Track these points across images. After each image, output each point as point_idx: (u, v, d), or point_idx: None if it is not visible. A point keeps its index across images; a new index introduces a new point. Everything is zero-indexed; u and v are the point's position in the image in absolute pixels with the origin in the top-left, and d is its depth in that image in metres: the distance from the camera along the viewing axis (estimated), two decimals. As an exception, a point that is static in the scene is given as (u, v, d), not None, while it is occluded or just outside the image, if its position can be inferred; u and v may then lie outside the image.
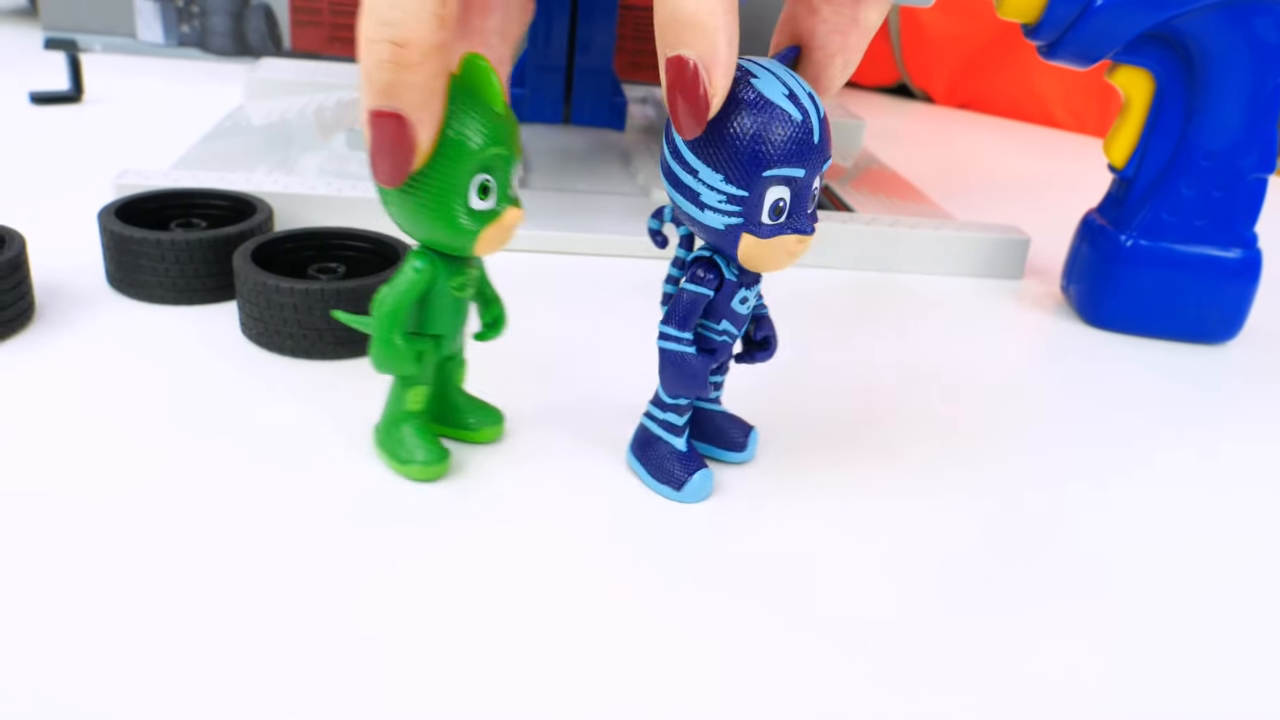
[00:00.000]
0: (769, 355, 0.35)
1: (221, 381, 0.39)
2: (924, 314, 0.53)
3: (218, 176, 0.53)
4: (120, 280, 0.45)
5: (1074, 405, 0.44)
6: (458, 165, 0.28)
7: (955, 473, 0.38)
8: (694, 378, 0.32)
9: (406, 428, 0.34)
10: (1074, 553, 0.34)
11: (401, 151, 0.27)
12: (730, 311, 0.32)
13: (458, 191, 0.29)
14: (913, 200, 0.65)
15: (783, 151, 0.28)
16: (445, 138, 0.28)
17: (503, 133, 0.29)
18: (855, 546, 0.33)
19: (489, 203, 0.30)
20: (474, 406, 0.36)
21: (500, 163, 0.29)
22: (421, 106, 0.26)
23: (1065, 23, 0.47)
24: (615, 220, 0.58)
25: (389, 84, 0.26)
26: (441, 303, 0.32)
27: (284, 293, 0.40)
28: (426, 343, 0.33)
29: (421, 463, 0.33)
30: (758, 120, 0.28)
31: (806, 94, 0.28)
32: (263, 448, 0.35)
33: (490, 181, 0.29)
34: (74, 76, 0.78)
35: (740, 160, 0.28)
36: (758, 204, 0.28)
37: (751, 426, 0.37)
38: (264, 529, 0.31)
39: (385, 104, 0.26)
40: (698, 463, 0.34)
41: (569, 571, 0.30)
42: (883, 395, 0.43)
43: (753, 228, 0.29)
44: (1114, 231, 0.51)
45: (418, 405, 0.34)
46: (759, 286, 0.33)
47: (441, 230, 0.30)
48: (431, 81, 0.26)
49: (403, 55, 0.25)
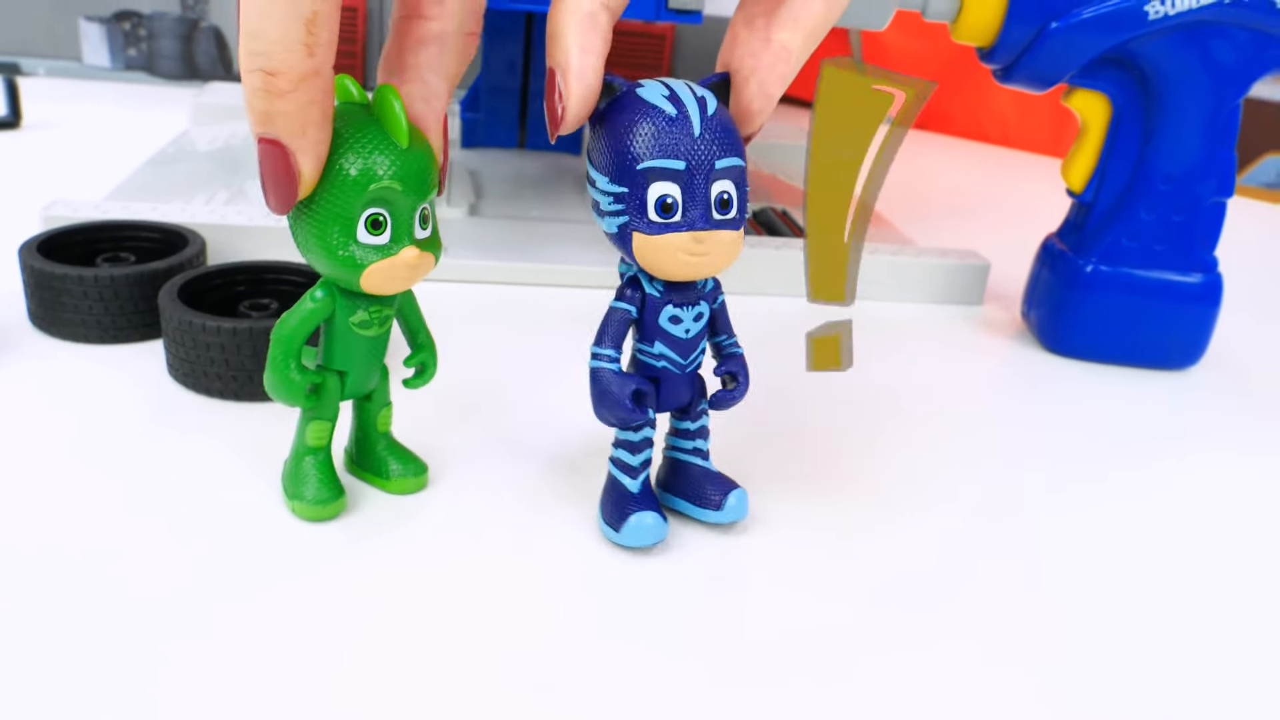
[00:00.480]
0: (736, 395, 0.33)
1: (141, 424, 0.37)
2: (882, 341, 0.52)
3: (151, 207, 0.51)
4: (42, 319, 0.43)
5: (1036, 433, 0.43)
6: (342, 196, 0.28)
7: (914, 502, 0.36)
8: (609, 395, 0.31)
9: (307, 462, 0.32)
10: (1034, 582, 0.32)
11: (282, 178, 0.27)
12: (661, 332, 0.31)
13: (342, 223, 0.28)
14: (873, 225, 0.64)
15: (654, 144, 0.28)
16: (332, 167, 0.28)
17: (402, 167, 0.28)
18: (807, 582, 0.31)
19: (381, 238, 0.28)
20: (398, 453, 0.34)
21: (394, 197, 0.28)
22: (297, 134, 0.26)
23: (1020, 46, 0.47)
24: (569, 249, 0.56)
25: (264, 112, 0.26)
26: (343, 338, 0.31)
27: (210, 331, 0.38)
28: (325, 377, 0.31)
29: (308, 500, 0.32)
30: (629, 118, 0.29)
31: (694, 96, 0.29)
32: (171, 493, 0.33)
33: (383, 216, 0.28)
34: (10, 102, 0.76)
35: (615, 156, 0.29)
36: (641, 199, 0.29)
37: (736, 486, 0.34)
38: (148, 576, 0.29)
39: (264, 131, 0.26)
40: (646, 505, 0.32)
41: (443, 639, 0.29)
42: (840, 425, 0.42)
43: (639, 224, 0.29)
44: (1074, 257, 0.50)
45: (318, 441, 0.32)
46: (700, 310, 0.32)
47: (324, 261, 0.29)
48: (306, 110, 0.26)
49: (274, 84, 0.26)
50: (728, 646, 0.29)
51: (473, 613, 0.29)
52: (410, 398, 0.40)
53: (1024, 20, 0.46)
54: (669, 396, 0.33)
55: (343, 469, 0.35)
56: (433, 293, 0.51)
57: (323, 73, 0.26)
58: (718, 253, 0.29)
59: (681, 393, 0.33)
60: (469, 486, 0.35)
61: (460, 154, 0.74)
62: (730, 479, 0.34)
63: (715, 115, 0.29)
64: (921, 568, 0.33)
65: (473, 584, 0.30)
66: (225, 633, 0.27)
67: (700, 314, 0.32)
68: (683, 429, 0.34)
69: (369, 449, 0.34)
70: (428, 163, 0.29)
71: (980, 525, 0.36)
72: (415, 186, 0.28)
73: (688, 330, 0.32)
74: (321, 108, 0.27)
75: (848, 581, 0.32)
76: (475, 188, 0.66)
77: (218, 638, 0.27)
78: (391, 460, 0.34)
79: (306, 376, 0.31)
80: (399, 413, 0.38)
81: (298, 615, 0.28)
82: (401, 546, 0.32)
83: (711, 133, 0.29)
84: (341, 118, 0.28)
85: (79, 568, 0.29)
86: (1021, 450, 0.42)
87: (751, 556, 0.33)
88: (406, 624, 0.28)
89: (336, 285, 0.30)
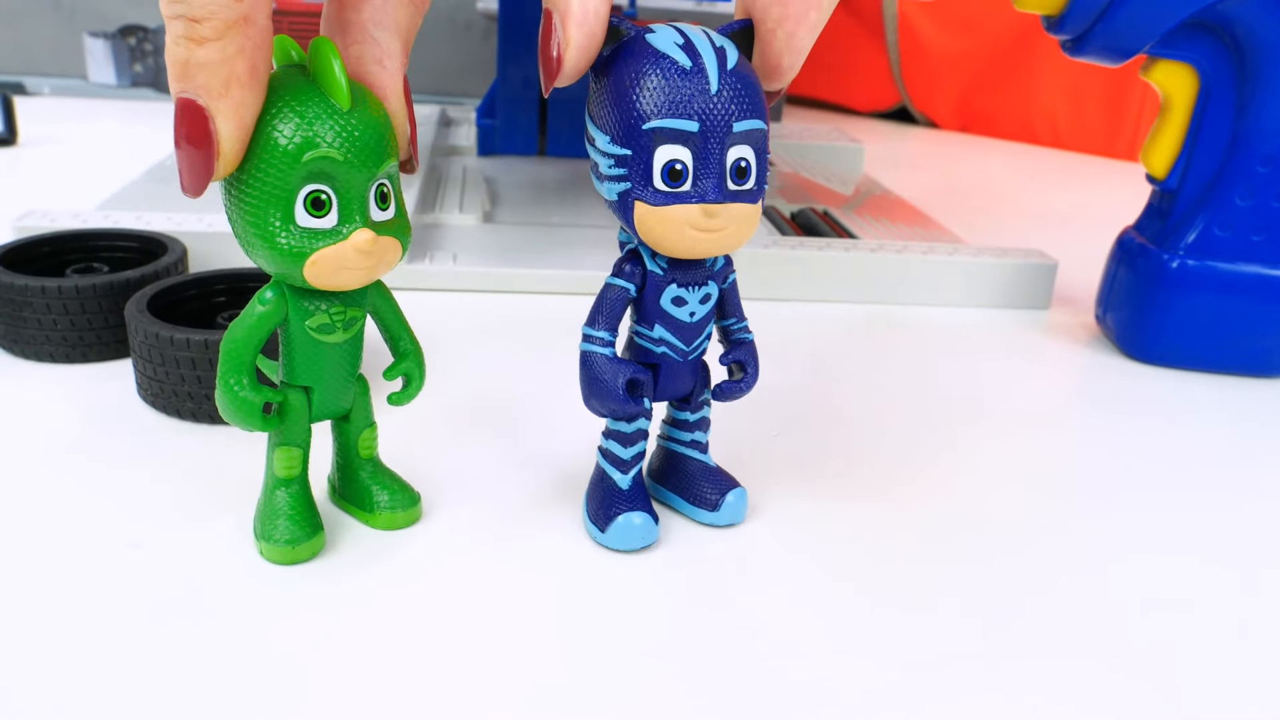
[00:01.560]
0: (743, 387, 0.29)
1: (102, 452, 0.32)
2: (941, 350, 0.46)
3: (134, 216, 0.47)
4: (4, 337, 0.39)
5: (1117, 450, 0.38)
6: (274, 170, 0.23)
7: (981, 534, 0.31)
8: (600, 383, 0.27)
9: (279, 496, 0.27)
10: (1116, 618, 0.27)
11: (198, 148, 0.23)
12: (663, 314, 0.27)
13: (279, 203, 0.23)
14: (921, 226, 0.59)
15: (664, 100, 0.24)
16: (261, 136, 0.23)
17: (344, 132, 0.23)
18: (844, 627, 0.26)
19: (325, 220, 0.24)
20: (385, 482, 0.29)
21: (337, 169, 0.23)
22: (218, 92, 0.22)
23: (1094, 12, 0.41)
24: (588, 254, 0.51)
25: (183, 63, 0.22)
26: (303, 347, 0.26)
27: (179, 345, 0.33)
28: (284, 394, 0.27)
29: (277, 541, 0.27)
30: (635, 68, 0.25)
31: (712, 46, 0.25)
32: (127, 530, 0.28)
33: (325, 193, 0.24)
34: (6, 119, 0.72)
35: (619, 112, 0.25)
36: (646, 164, 0.25)
37: (735, 485, 0.30)
38: (94, 626, 0.24)
39: (181, 88, 0.22)
40: (635, 504, 0.29)
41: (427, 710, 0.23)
42: (896, 444, 0.37)
43: (643, 193, 0.25)
44: (1156, 251, 0.45)
45: (287, 470, 0.27)
46: (708, 291, 0.28)
47: (264, 253, 0.24)
48: (232, 62, 0.22)
49: (196, 30, 0.22)
50: (718, 666, 0.23)
51: (463, 684, 0.24)
52: (402, 416, 0.35)
53: (1098, -18, 0.41)
54: (668, 385, 0.29)
55: (326, 501, 0.30)
56: (440, 303, 0.47)
57: (254, 21, 0.22)
58: (731, 228, 0.25)
59: (682, 381, 0.29)
60: (468, 521, 0.30)
61: (476, 161, 0.70)
62: (730, 476, 0.31)
63: (736, 69, 0.25)
64: (970, 603, 0.28)
65: (466, 648, 0.25)
66: (173, 691, 0.22)
67: (708, 295, 0.28)
68: (681, 419, 0.30)
69: (352, 477, 0.29)
70: (379, 129, 0.24)
71: (1065, 554, 0.30)
72: (363, 156, 0.24)
73: (693, 313, 0.28)
74: (249, 61, 0.22)
75: (910, 631, 0.27)
76: (491, 194, 0.61)
77: (164, 696, 0.22)
78: (377, 490, 0.29)
79: (262, 394, 0.26)
80: (391, 433, 0.33)
81: (257, 675, 0.23)
82: (384, 594, 0.27)
83: (731, 89, 0.25)
84: (275, 81, 0.24)
85: (16, 616, 0.24)
86: (1103, 471, 0.36)
87: (749, 563, 0.29)
88: (383, 690, 0.23)
89: (288, 284, 0.25)
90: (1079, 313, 0.52)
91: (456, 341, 0.42)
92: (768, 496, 0.32)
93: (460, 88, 0.93)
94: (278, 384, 0.27)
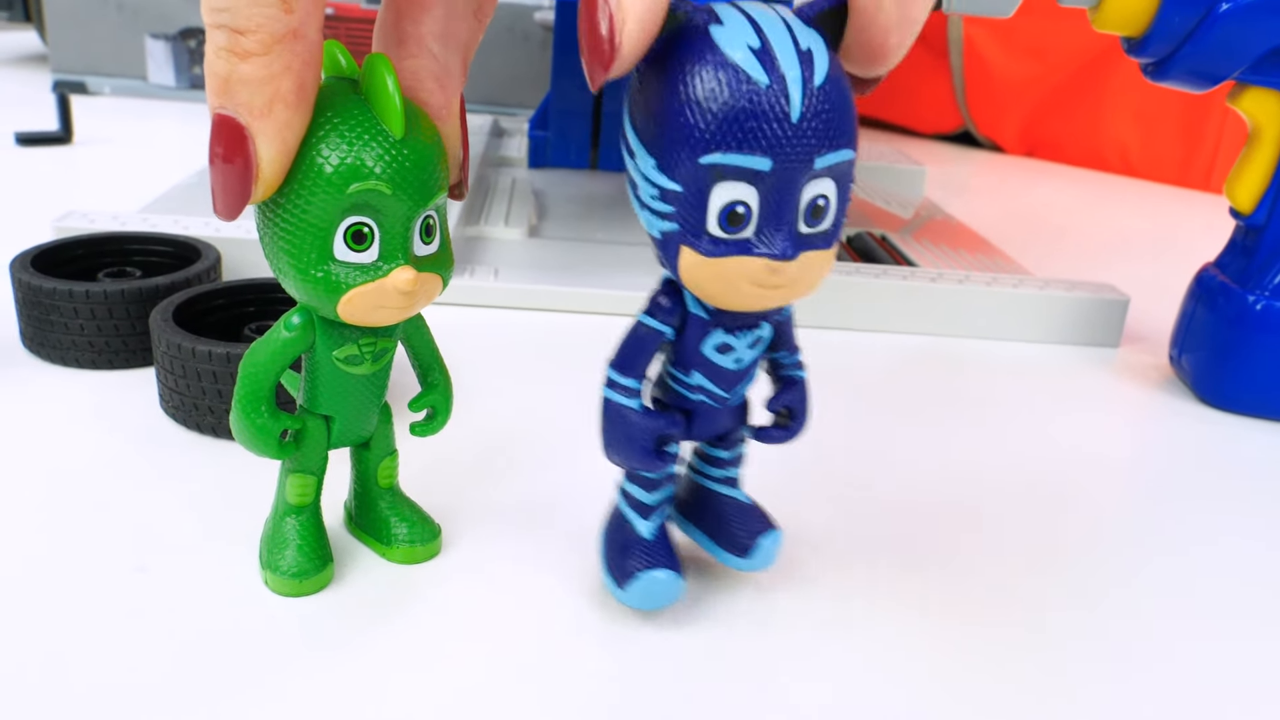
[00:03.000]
0: (789, 435, 0.26)
1: (117, 465, 0.31)
2: (1002, 388, 0.44)
3: (172, 220, 0.46)
4: (32, 340, 0.38)
5: (1192, 504, 0.35)
6: (315, 198, 0.21)
7: (1040, 594, 0.28)
8: (629, 441, 0.23)
9: (288, 524, 0.26)
10: (1190, 694, 0.24)
11: (236, 170, 0.20)
12: (703, 360, 0.23)
13: (316, 234, 0.21)
14: (983, 254, 0.56)
15: (729, 128, 0.19)
16: (304, 160, 0.21)
17: (394, 163, 0.21)
18: (889, 696, 0.24)
19: (366, 255, 0.22)
20: (404, 513, 0.28)
21: (383, 203, 0.21)
22: (260, 111, 0.20)
23: (1180, 35, 0.39)
24: (634, 275, 0.50)
25: (224, 78, 0.20)
26: (327, 376, 0.24)
27: (201, 357, 0.32)
28: (304, 421, 0.25)
29: (283, 572, 0.25)
30: (695, 78, 0.20)
31: (796, 50, 0.20)
32: (134, 551, 0.27)
33: (368, 227, 0.22)
34: (63, 117, 0.72)
35: (669, 135, 0.20)
36: (699, 205, 0.20)
37: (770, 526, 0.27)
38: (90, 656, 0.22)
39: (221, 104, 0.21)
40: (660, 558, 0.25)
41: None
42: (951, 491, 0.34)
43: (692, 239, 0.21)
44: (1239, 290, 0.42)
45: (300, 498, 0.26)
46: (760, 334, 0.24)
47: (294, 281, 0.22)
48: (277, 80, 0.20)
49: (240, 43, 0.20)
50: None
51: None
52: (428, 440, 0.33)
53: (1186, 2, 0.38)
54: (703, 428, 0.25)
55: (340, 528, 0.29)
56: (477, 319, 0.45)
57: (304, 35, 0.20)
58: (801, 280, 0.21)
59: (719, 424, 0.25)
60: (490, 557, 0.28)
61: (526, 173, 0.68)
62: (765, 515, 0.27)
63: (826, 84, 0.20)
64: (1028, 676, 0.25)
65: (472, 703, 0.23)
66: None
67: (759, 339, 0.24)
68: (715, 456, 0.27)
69: (369, 506, 0.28)
70: (432, 159, 0.22)
71: (1134, 619, 0.28)
72: (412, 189, 0.22)
73: (739, 360, 0.24)
74: (296, 79, 0.20)
75: (955, 695, 0.24)
76: (539, 208, 0.60)
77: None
78: (395, 521, 0.27)
79: (280, 421, 0.24)
80: (413, 458, 0.32)
81: (251, 715, 0.22)
82: (397, 633, 0.25)
83: (816, 113, 0.20)
84: (322, 95, 0.22)
85: (8, 640, 0.23)
86: (1177, 529, 0.33)
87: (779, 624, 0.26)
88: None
89: (316, 312, 0.24)
90: (1151, 353, 0.49)
91: (491, 361, 0.41)
92: (805, 542, 0.30)
93: (514, 98, 0.92)
94: (296, 404, 0.26)
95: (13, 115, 0.81)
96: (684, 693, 0.24)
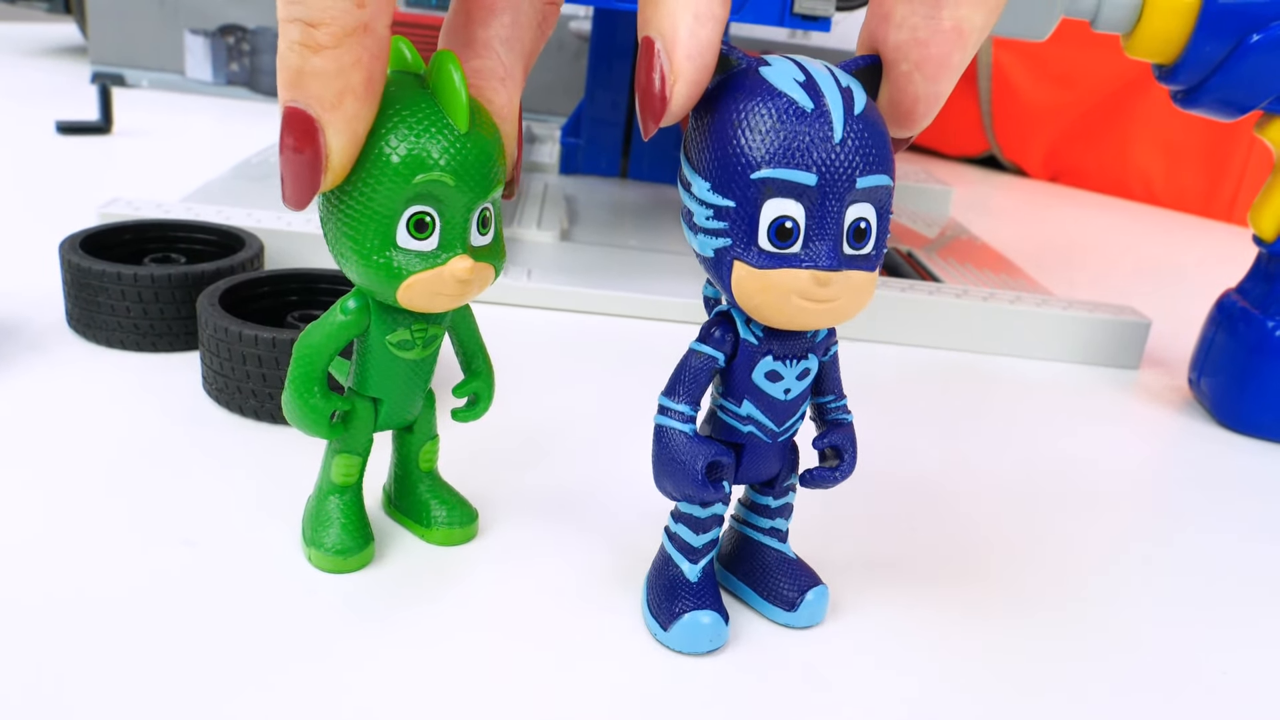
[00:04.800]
0: (836, 476, 0.26)
1: (160, 445, 0.32)
2: (1022, 405, 0.44)
3: (215, 210, 0.47)
4: (79, 320, 0.39)
5: (1209, 527, 0.35)
6: (381, 187, 0.22)
7: (1050, 613, 0.29)
8: (678, 465, 0.24)
9: (331, 503, 0.27)
10: (1202, 714, 0.25)
11: (306, 161, 0.21)
12: (754, 390, 0.24)
13: (377, 220, 0.22)
14: (1007, 274, 0.57)
15: (778, 147, 0.21)
16: (371, 150, 0.22)
17: (458, 156, 0.22)
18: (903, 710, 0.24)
19: (427, 243, 0.23)
20: (443, 497, 0.29)
21: (445, 193, 0.22)
22: (332, 103, 0.21)
23: (1210, 64, 0.39)
24: (666, 280, 0.51)
25: (296, 71, 0.21)
26: (378, 360, 0.25)
27: (247, 341, 0.33)
28: (353, 403, 0.26)
29: (327, 549, 0.26)
30: (746, 106, 0.22)
31: (837, 85, 0.22)
32: (174, 528, 0.28)
33: (430, 215, 0.23)
34: (103, 108, 0.74)
35: (722, 156, 0.22)
36: (751, 219, 0.22)
37: (817, 581, 0.27)
38: (129, 628, 0.23)
39: (292, 97, 0.21)
40: (705, 600, 0.25)
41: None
42: (971, 507, 0.35)
43: (744, 253, 0.22)
44: (1260, 316, 0.43)
45: (345, 478, 0.27)
46: (807, 365, 0.24)
47: (357, 267, 0.23)
48: (347, 73, 0.21)
49: (312, 36, 0.20)
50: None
51: (499, 707, 0.23)
52: (465, 430, 0.34)
53: (1217, 32, 0.39)
54: (751, 468, 0.26)
55: (379, 510, 0.30)
56: (509, 318, 0.46)
57: (374, 29, 0.21)
58: (845, 299, 0.22)
59: (768, 465, 0.26)
60: (524, 543, 0.29)
61: (557, 179, 0.69)
62: (811, 570, 0.27)
63: (864, 114, 0.22)
64: (1058, 705, 0.26)
65: (509, 672, 0.24)
66: (203, 697, 0.22)
67: (806, 370, 0.25)
68: (762, 504, 0.27)
69: (409, 489, 0.29)
70: (492, 153, 0.23)
71: (1152, 645, 0.28)
72: (473, 181, 0.23)
73: (788, 390, 0.24)
74: (366, 73, 0.21)
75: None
76: (570, 213, 0.61)
77: (194, 704, 0.21)
78: (434, 504, 0.28)
79: (331, 402, 0.25)
80: (451, 446, 0.33)
81: (294, 685, 0.22)
82: (436, 611, 0.26)
83: (856, 138, 0.21)
84: (389, 89, 0.23)
85: (61, 610, 0.24)
86: (1195, 546, 0.34)
87: (828, 673, 0.26)
88: (415, 710, 0.22)
89: (373, 296, 0.24)
90: (1170, 375, 0.50)
91: (522, 358, 0.42)
92: (846, 585, 0.29)
93: (546, 105, 0.93)
94: (345, 388, 0.27)
95: (52, 105, 0.83)
96: (715, 677, 0.24)
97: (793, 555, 0.27)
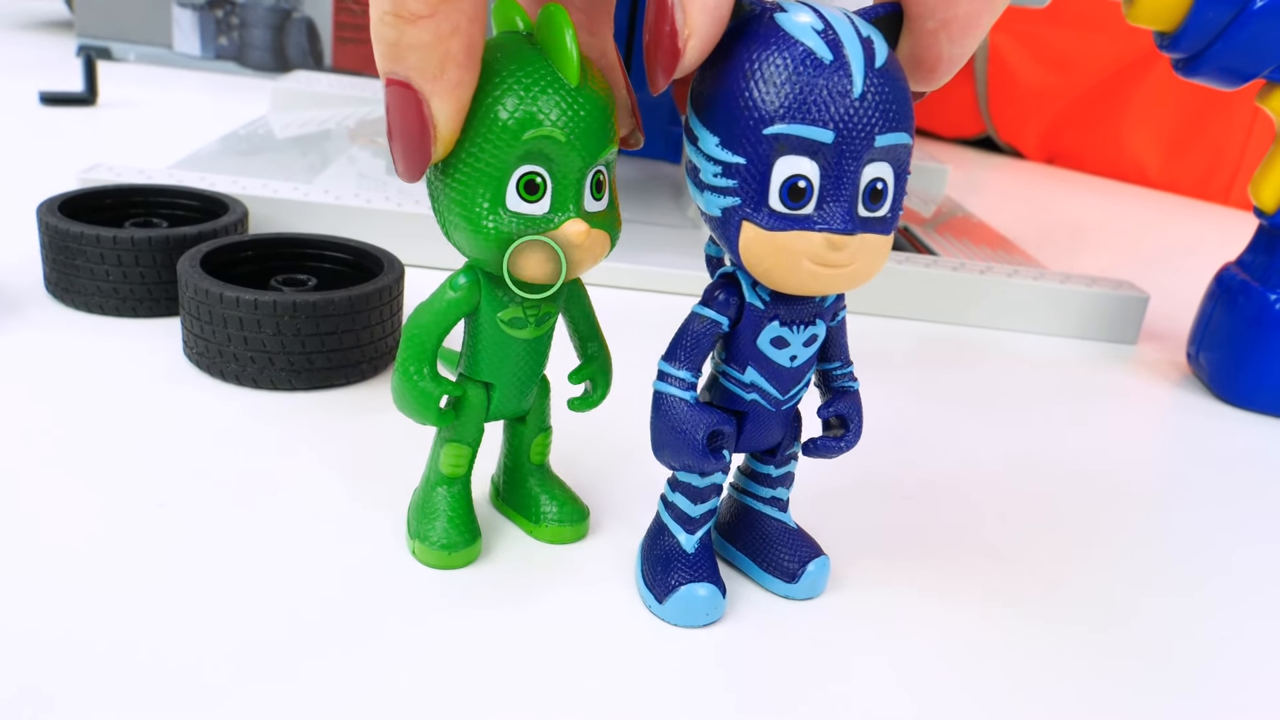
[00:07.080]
0: (841, 445, 0.25)
1: (137, 409, 0.31)
2: (1019, 379, 0.44)
3: (199, 177, 0.46)
4: (57, 285, 0.38)
5: (1206, 500, 0.35)
6: (490, 146, 0.21)
7: (1050, 587, 0.28)
8: (677, 434, 0.23)
9: (439, 495, 0.26)
10: (1209, 691, 0.24)
11: (414, 132, 0.21)
12: (758, 356, 0.23)
13: (490, 183, 0.21)
14: (1004, 250, 0.56)
15: (793, 100, 0.20)
16: (479, 109, 0.21)
17: (567, 111, 0.21)
18: (904, 684, 0.24)
19: (537, 206, 0.22)
20: (554, 492, 0.27)
21: (557, 151, 0.21)
22: (433, 73, 0.20)
23: (1212, 31, 0.39)
24: (657, 253, 0.50)
25: (393, 44, 0.20)
26: (490, 340, 0.24)
27: (228, 303, 0.32)
28: (464, 388, 0.25)
29: (433, 543, 0.25)
30: (759, 54, 0.20)
31: (858, 35, 0.20)
32: (151, 495, 0.27)
33: (541, 176, 0.21)
34: (88, 79, 0.72)
35: (732, 109, 0.20)
36: (762, 177, 0.20)
37: (818, 552, 0.26)
38: (115, 576, 0.23)
39: (392, 69, 0.20)
40: (700, 572, 0.24)
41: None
42: (969, 481, 0.34)
43: (754, 213, 0.20)
44: (1260, 289, 0.42)
45: (454, 469, 0.25)
46: (815, 332, 0.23)
47: (464, 233, 0.22)
48: (446, 41, 0.20)
49: (406, 6, 0.20)
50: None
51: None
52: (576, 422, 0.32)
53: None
54: (753, 436, 0.25)
55: (486, 504, 0.29)
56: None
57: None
58: (859, 263, 0.21)
59: (771, 433, 0.25)
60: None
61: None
62: (812, 541, 0.26)
63: (885, 68, 0.20)
64: (1057, 681, 0.25)
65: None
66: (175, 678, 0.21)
67: (814, 336, 0.23)
68: (763, 473, 0.26)
69: (519, 483, 0.27)
70: (604, 109, 0.22)
71: (1150, 618, 0.28)
72: (586, 140, 0.21)
73: (794, 357, 0.23)
74: (466, 39, 0.20)
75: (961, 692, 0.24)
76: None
77: (191, 702, 0.21)
78: (545, 500, 0.27)
79: (442, 387, 0.24)
80: (563, 440, 0.31)
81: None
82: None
83: (876, 93, 0.20)
84: (494, 49, 0.22)
85: (36, 574, 0.23)
86: (1195, 530, 0.33)
87: (827, 645, 0.25)
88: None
89: (483, 271, 0.23)
90: (1168, 350, 0.49)
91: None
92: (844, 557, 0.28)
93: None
94: (456, 375, 0.25)
95: (37, 78, 0.81)
96: (712, 651, 0.24)
97: (794, 525, 0.27)
